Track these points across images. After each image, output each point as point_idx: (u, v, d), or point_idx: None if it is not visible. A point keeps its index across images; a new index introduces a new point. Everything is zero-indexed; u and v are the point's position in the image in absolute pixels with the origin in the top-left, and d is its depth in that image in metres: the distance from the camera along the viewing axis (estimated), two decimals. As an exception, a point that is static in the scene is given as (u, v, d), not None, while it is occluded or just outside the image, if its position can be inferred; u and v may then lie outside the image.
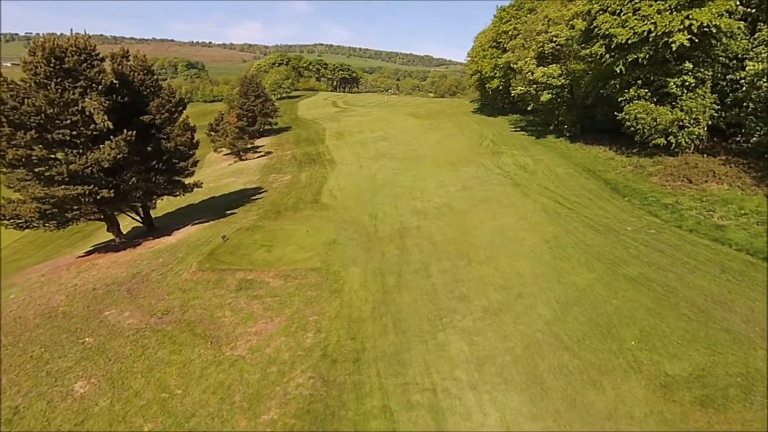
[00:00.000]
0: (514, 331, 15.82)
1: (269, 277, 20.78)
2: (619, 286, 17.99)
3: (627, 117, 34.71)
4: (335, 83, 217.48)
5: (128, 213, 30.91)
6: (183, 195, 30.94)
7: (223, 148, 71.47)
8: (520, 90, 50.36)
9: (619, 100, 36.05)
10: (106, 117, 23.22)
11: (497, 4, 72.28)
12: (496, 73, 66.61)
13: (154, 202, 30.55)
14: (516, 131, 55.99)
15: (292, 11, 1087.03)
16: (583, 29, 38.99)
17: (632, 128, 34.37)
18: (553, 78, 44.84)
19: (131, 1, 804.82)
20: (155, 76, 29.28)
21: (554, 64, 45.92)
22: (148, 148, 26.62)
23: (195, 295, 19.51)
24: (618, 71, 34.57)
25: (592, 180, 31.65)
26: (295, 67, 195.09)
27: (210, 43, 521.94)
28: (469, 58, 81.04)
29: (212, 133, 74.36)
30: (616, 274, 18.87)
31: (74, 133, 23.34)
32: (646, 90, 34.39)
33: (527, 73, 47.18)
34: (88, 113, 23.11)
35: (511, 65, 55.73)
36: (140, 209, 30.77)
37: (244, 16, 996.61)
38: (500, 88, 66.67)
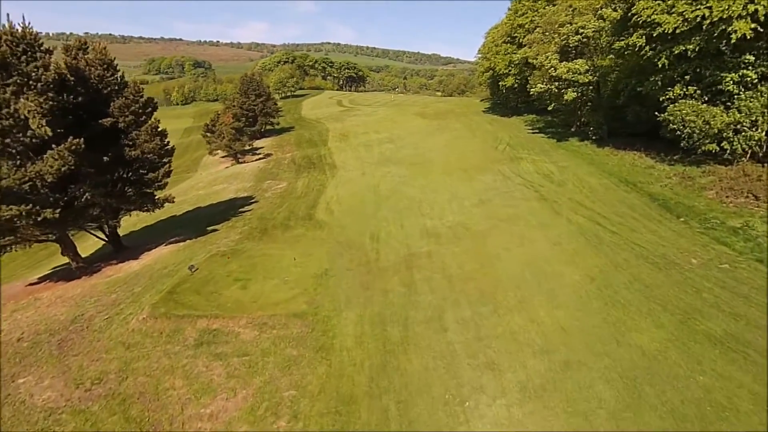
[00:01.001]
0: (567, 427, 11.21)
1: (240, 326, 16.32)
2: (702, 352, 13.29)
3: (671, 119, 29.83)
4: (341, 82, 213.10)
5: (91, 231, 26.67)
6: (152, 211, 26.61)
7: (219, 151, 67.29)
8: (540, 88, 45.44)
9: (660, 99, 31.19)
10: (44, 121, 18.88)
11: (506, 3, 67.05)
12: (510, 70, 61.69)
13: (119, 219, 26.21)
14: (534, 133, 51.15)
15: (298, 11, 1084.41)
16: (618, 18, 34.11)
17: (678, 132, 29.46)
18: (579, 74, 39.94)
19: (138, 1, 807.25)
20: (119, 72, 24.90)
21: (580, 59, 41.07)
22: (105, 158, 22.23)
23: (141, 353, 15.09)
24: (660, 65, 29.73)
25: (633, 194, 26.81)
26: (300, 66, 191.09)
27: (218, 42, 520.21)
28: (479, 55, 76.08)
29: (208, 134, 70.27)
30: (693, 332, 14.16)
31: (8, 140, 19.06)
32: (695, 87, 29.50)
33: (549, 68, 42.30)
34: (23, 117, 18.81)
35: (529, 61, 51.01)
36: (105, 227, 26.45)
37: (251, 17, 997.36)
38: (515, 86, 61.80)
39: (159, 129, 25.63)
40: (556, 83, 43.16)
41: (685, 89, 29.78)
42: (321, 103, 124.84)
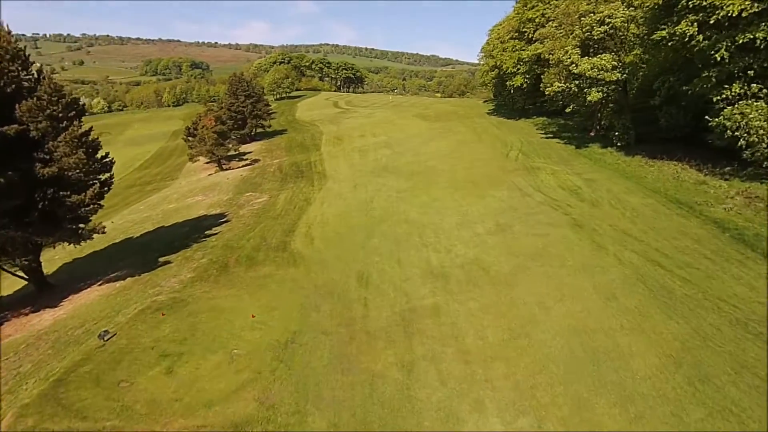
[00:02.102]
0: None
1: (147, 448, 10.64)
2: None
3: (728, 123, 24.26)
4: (339, 83, 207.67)
5: (5, 269, 21.01)
6: (78, 244, 20.90)
7: (201, 157, 61.62)
8: (557, 87, 39.80)
9: (713, 99, 25.63)
10: None
11: (507, 4, 61.39)
12: (519, 68, 56.08)
13: (37, 255, 20.53)
14: (547, 138, 45.58)
15: (299, 12, 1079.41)
16: (658, 3, 28.44)
17: (740, 139, 23.87)
18: (606, 71, 34.35)
19: (139, 1, 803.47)
20: (32, 66, 19.26)
21: (605, 54, 35.49)
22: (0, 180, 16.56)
23: None
24: (717, 59, 24.17)
25: (692, 220, 21.13)
26: (296, 66, 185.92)
27: (216, 43, 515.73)
28: (482, 54, 70.69)
29: (189, 139, 64.56)
30: None
31: None
32: (759, 85, 23.97)
33: (570, 65, 36.67)
34: None
35: (542, 57, 45.46)
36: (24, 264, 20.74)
37: (251, 17, 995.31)
38: (524, 85, 56.25)
39: (86, 138, 19.92)
40: (576, 81, 37.58)
41: (746, 87, 24.27)
42: (317, 104, 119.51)
